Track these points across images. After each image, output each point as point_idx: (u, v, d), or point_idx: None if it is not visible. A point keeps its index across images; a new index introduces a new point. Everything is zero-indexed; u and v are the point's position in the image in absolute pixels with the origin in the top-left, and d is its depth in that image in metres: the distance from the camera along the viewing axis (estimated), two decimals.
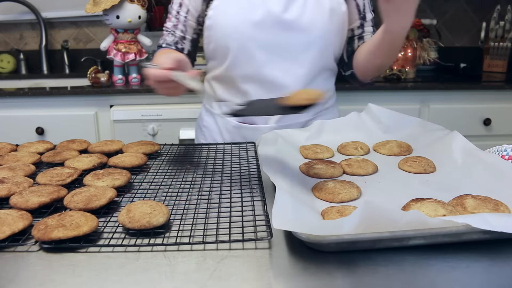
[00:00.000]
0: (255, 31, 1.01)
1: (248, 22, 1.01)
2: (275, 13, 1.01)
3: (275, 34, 1.02)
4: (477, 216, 0.53)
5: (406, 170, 0.83)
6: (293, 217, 0.57)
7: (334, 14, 1.04)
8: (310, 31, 1.02)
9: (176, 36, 1.12)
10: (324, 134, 1.02)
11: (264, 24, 1.01)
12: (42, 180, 0.76)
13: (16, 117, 1.80)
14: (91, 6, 1.86)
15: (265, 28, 1.02)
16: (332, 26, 1.04)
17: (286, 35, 1.02)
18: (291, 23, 1.01)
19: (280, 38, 1.02)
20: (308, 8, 1.02)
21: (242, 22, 1.02)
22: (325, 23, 1.03)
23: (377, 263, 0.53)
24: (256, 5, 1.01)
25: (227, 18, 1.03)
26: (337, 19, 1.05)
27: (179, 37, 1.12)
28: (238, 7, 1.02)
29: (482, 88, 1.90)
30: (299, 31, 1.02)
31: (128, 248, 0.57)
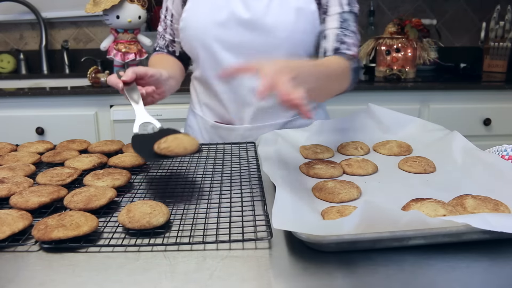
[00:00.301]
0: (220, 32, 1.02)
1: (213, 23, 1.02)
2: (238, 14, 1.00)
3: (240, 35, 1.01)
4: (477, 216, 0.53)
5: (406, 170, 0.83)
6: (293, 217, 0.57)
7: (301, 13, 1.00)
8: (275, 32, 1.00)
9: (166, 40, 1.15)
10: (324, 134, 1.02)
11: (228, 25, 1.01)
12: (42, 180, 0.76)
13: (16, 117, 1.80)
14: (91, 6, 1.86)
15: (229, 29, 1.01)
16: (300, 25, 1.01)
17: (251, 36, 1.01)
18: (255, 24, 1.00)
19: (245, 39, 1.01)
20: (273, 8, 1.00)
21: (208, 23, 1.02)
22: (291, 23, 1.00)
23: (377, 263, 0.53)
24: (221, 6, 1.01)
25: (196, 20, 1.03)
26: (305, 18, 1.01)
27: (169, 41, 1.15)
28: (205, 9, 1.03)
29: (482, 88, 1.90)
30: (263, 32, 1.00)
31: (128, 248, 0.57)
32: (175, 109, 1.80)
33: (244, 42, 1.02)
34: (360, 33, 2.49)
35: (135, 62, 1.94)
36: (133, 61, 1.94)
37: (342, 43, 1.01)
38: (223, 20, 1.01)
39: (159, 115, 1.78)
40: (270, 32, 1.00)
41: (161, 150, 0.69)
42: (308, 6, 1.01)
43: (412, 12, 2.39)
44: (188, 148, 0.67)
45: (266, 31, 1.00)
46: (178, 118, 1.79)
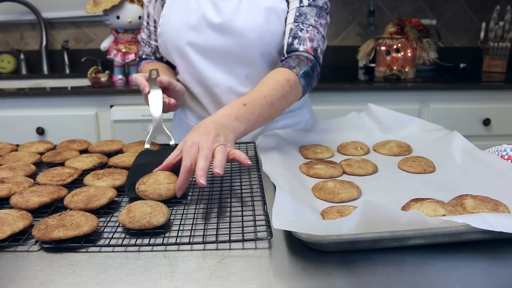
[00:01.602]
0: (191, 35, 1.02)
1: (185, 27, 1.01)
2: (208, 17, 1.00)
3: (211, 38, 1.01)
4: (476, 216, 0.53)
5: (405, 170, 0.83)
6: (293, 217, 0.57)
7: (270, 13, 0.99)
8: (246, 34, 0.99)
9: (152, 47, 1.14)
10: (324, 134, 1.02)
11: (199, 28, 1.01)
12: (42, 180, 0.76)
13: (16, 117, 1.80)
14: (91, 6, 1.86)
15: (200, 32, 1.01)
16: (270, 26, 0.99)
17: (222, 39, 1.01)
18: (225, 27, 1.00)
19: (217, 42, 1.01)
20: (242, 10, 0.99)
21: (180, 27, 1.02)
22: (261, 24, 0.99)
23: (376, 263, 0.53)
24: (193, 9, 1.01)
25: (170, 24, 1.03)
26: (275, 18, 1.00)
27: (155, 47, 1.13)
28: (178, 13, 1.03)
29: (482, 88, 1.90)
30: (234, 35, 1.00)
31: (128, 248, 0.57)
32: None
33: (215, 45, 1.02)
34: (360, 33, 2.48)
35: (135, 62, 1.95)
36: (133, 61, 1.94)
37: (295, 38, 0.97)
38: (194, 24, 1.01)
39: None
40: (240, 35, 1.00)
41: (138, 192, 0.70)
42: (278, 5, 1.00)
43: (412, 12, 2.39)
44: (163, 195, 0.69)
45: (236, 34, 1.00)
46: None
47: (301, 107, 1.17)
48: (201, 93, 1.09)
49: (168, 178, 0.71)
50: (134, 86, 1.88)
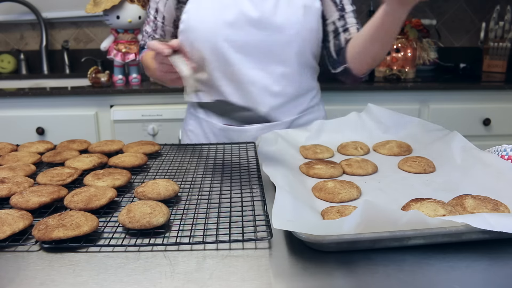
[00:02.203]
0: (228, 32, 1.01)
1: (221, 23, 1.01)
2: (248, 12, 1.00)
3: (250, 34, 1.01)
4: (476, 216, 0.53)
5: (405, 170, 0.83)
6: (293, 217, 0.57)
7: (308, 11, 1.03)
8: (285, 30, 1.01)
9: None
10: (324, 134, 1.02)
11: (237, 25, 1.01)
12: (42, 180, 0.76)
13: (16, 117, 1.80)
14: (91, 6, 1.86)
15: (238, 28, 1.01)
16: (307, 23, 1.03)
17: (261, 35, 1.01)
18: (265, 22, 1.01)
19: (255, 37, 1.01)
20: (281, 6, 1.01)
21: (215, 23, 1.01)
22: (299, 21, 1.02)
23: (376, 263, 0.53)
24: (228, 5, 1.01)
25: (200, 21, 1.02)
26: (312, 16, 1.04)
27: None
28: (210, 9, 1.02)
29: (482, 88, 1.90)
30: (273, 30, 1.01)
31: (128, 248, 0.57)
32: (175, 109, 1.80)
33: (253, 41, 1.02)
34: None
35: (135, 62, 1.95)
36: (133, 61, 1.94)
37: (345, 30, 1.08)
38: (232, 20, 1.00)
39: (159, 115, 1.78)
40: (279, 31, 1.01)
41: (137, 193, 0.70)
42: (313, 3, 1.04)
43: (412, 12, 2.37)
44: (162, 194, 0.69)
45: (275, 30, 1.01)
46: (178, 118, 1.79)
47: (319, 103, 1.21)
48: (232, 91, 1.07)
49: (167, 181, 0.72)
50: (134, 86, 1.88)
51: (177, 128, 1.81)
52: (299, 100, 1.13)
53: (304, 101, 1.14)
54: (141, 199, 0.68)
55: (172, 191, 0.70)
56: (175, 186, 0.72)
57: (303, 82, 1.11)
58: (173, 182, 0.72)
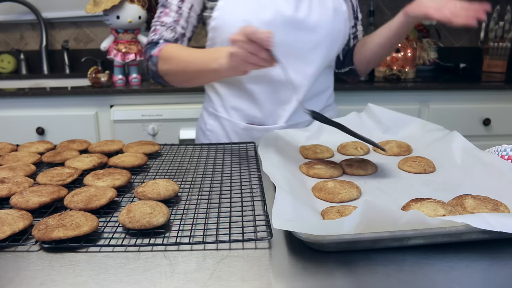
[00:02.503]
0: None
1: (257, 22, 1.00)
2: (284, 12, 1.01)
3: (285, 33, 1.02)
4: (476, 216, 0.53)
5: (405, 170, 0.83)
6: (293, 217, 0.57)
7: (337, 13, 1.07)
8: (318, 30, 1.04)
9: (177, 33, 1.05)
10: (324, 134, 1.02)
11: (273, 24, 1.01)
12: (42, 180, 0.76)
13: (16, 117, 1.80)
14: (91, 6, 1.86)
15: (274, 28, 0.99)
16: (336, 25, 1.07)
17: (295, 35, 1.03)
18: (300, 23, 1.02)
19: (290, 37, 1.03)
20: (314, 7, 1.04)
21: (251, 22, 1.00)
22: (330, 22, 1.05)
23: (376, 263, 0.53)
24: (264, 5, 1.01)
25: (235, 19, 1.01)
26: (340, 18, 1.08)
27: (179, 34, 1.05)
28: (246, 7, 1.01)
29: (482, 88, 1.90)
30: (307, 31, 1.03)
31: (128, 248, 0.57)
32: (175, 109, 1.80)
33: (287, 40, 1.03)
34: None
35: (135, 62, 1.95)
36: (133, 61, 1.94)
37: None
38: (268, 19, 1.01)
39: (159, 115, 1.78)
40: (313, 31, 1.04)
41: (137, 193, 0.70)
42: (341, 6, 1.08)
43: None
44: (162, 194, 0.69)
45: (309, 30, 1.03)
46: (178, 118, 1.79)
47: (334, 102, 1.24)
48: (260, 90, 1.07)
49: (167, 181, 0.72)
50: (134, 86, 1.89)
51: (177, 128, 1.81)
52: (319, 98, 1.15)
53: (322, 100, 1.16)
54: (141, 199, 0.68)
55: (172, 191, 0.70)
56: (175, 186, 0.72)
57: (324, 81, 1.14)
58: (173, 182, 0.72)
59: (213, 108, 1.16)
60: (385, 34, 1.05)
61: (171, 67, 0.99)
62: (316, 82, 1.10)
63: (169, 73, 1.01)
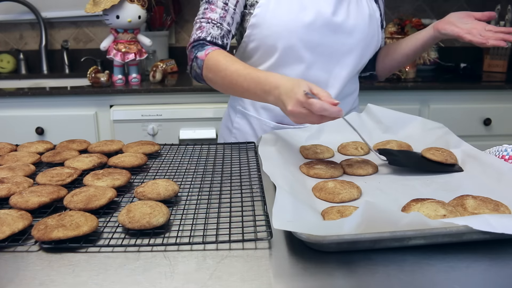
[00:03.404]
0: (305, 32, 1.01)
1: (298, 23, 1.01)
2: (325, 14, 1.02)
3: (324, 35, 1.03)
4: (477, 218, 0.53)
5: (428, 157, 0.83)
6: (293, 217, 0.57)
7: (372, 19, 1.09)
8: (354, 34, 1.05)
9: (223, 30, 1.03)
10: (324, 134, 1.02)
11: (314, 25, 1.02)
12: (42, 180, 0.76)
13: (16, 117, 1.80)
14: (91, 6, 1.86)
15: (315, 29, 1.02)
16: (371, 30, 1.08)
17: (334, 37, 1.04)
18: (339, 26, 1.04)
19: (328, 39, 1.04)
20: (352, 12, 1.06)
21: (293, 22, 1.01)
22: (365, 27, 1.07)
23: (377, 263, 0.53)
24: (306, 6, 1.02)
25: (277, 18, 1.01)
26: (374, 24, 1.10)
27: (225, 31, 1.03)
28: (289, 7, 1.02)
29: (482, 88, 1.90)
30: (345, 34, 1.05)
31: (128, 248, 0.57)
32: (175, 109, 1.79)
33: (326, 42, 1.04)
34: None
35: (135, 62, 1.94)
36: (133, 61, 1.93)
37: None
38: (309, 21, 1.01)
39: (159, 115, 1.78)
40: (350, 34, 1.05)
41: (137, 194, 0.70)
42: (375, 13, 1.11)
43: (412, 12, 2.39)
44: (162, 194, 0.69)
45: (347, 33, 1.05)
46: (178, 118, 1.79)
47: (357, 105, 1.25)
48: None
49: (166, 181, 0.72)
50: (134, 86, 1.88)
51: (177, 128, 1.80)
52: (346, 100, 1.15)
53: (349, 102, 1.16)
54: (141, 199, 0.68)
55: (172, 191, 0.70)
56: (175, 186, 0.72)
57: (352, 84, 1.16)
58: (173, 182, 0.72)
59: (242, 106, 1.15)
60: (412, 46, 1.11)
61: (217, 79, 0.98)
62: (347, 85, 1.11)
63: (213, 82, 1.00)
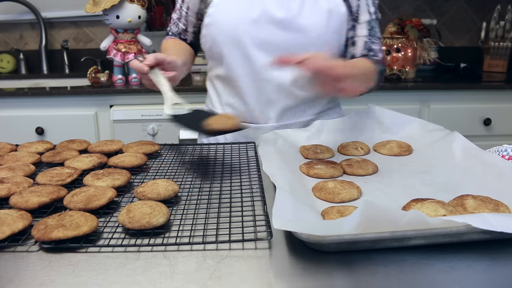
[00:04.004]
0: (251, 29, 1.02)
1: (245, 20, 1.02)
2: (271, 11, 1.01)
3: (272, 33, 1.02)
4: (477, 216, 0.53)
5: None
6: (293, 217, 0.57)
7: (332, 15, 1.04)
8: (308, 32, 1.02)
9: (179, 28, 1.18)
10: (324, 134, 1.02)
11: (260, 22, 1.01)
12: (42, 180, 0.76)
13: (16, 117, 1.80)
14: (91, 6, 1.86)
15: (261, 26, 1.02)
16: (330, 27, 1.04)
17: (283, 35, 1.02)
18: (288, 23, 1.02)
19: (277, 37, 1.02)
20: (306, 8, 1.02)
21: (240, 19, 1.02)
22: (323, 24, 1.03)
23: (377, 263, 0.53)
24: (254, 3, 1.02)
25: (226, 16, 1.03)
26: (336, 20, 1.04)
27: (181, 29, 1.18)
28: (237, 5, 1.03)
29: (482, 88, 1.90)
30: (296, 31, 1.02)
31: (128, 248, 0.57)
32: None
33: (275, 40, 1.03)
34: None
35: None
36: None
37: (370, 50, 1.06)
38: (255, 18, 1.01)
39: (159, 115, 1.78)
40: (302, 32, 1.02)
41: (137, 194, 0.70)
42: (338, 8, 1.05)
43: (412, 12, 2.39)
44: (162, 194, 0.69)
45: (298, 31, 1.02)
46: None
47: (338, 105, 1.21)
48: (248, 88, 1.08)
49: (166, 182, 0.72)
50: (134, 86, 1.88)
51: (177, 128, 1.80)
52: (316, 101, 1.13)
53: (321, 102, 1.15)
54: (141, 199, 0.68)
55: (172, 191, 0.70)
56: (175, 186, 0.72)
57: None
58: (173, 182, 0.72)
59: (212, 104, 1.18)
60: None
61: None
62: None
63: None
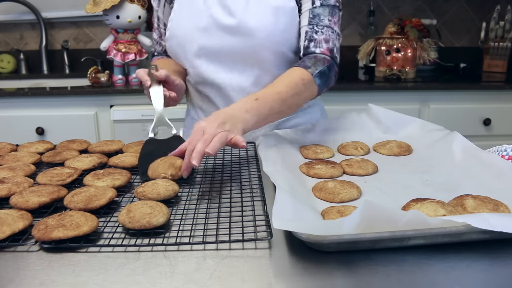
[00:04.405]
0: (202, 38, 1.02)
1: (195, 30, 1.02)
2: (217, 19, 1.00)
3: (222, 40, 1.01)
4: (477, 216, 0.53)
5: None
6: (293, 217, 0.57)
7: (280, 12, 0.99)
8: (256, 33, 0.99)
9: (163, 46, 1.16)
10: (324, 134, 1.02)
11: (209, 30, 1.01)
12: (42, 180, 0.76)
13: (16, 117, 1.80)
14: (91, 6, 1.86)
15: (210, 35, 1.01)
16: (280, 25, 0.99)
17: (232, 40, 1.01)
18: (235, 28, 1.00)
19: (227, 43, 1.01)
20: (250, 10, 0.99)
21: (190, 29, 1.02)
22: (269, 23, 0.98)
23: (377, 263, 0.53)
24: (200, 11, 1.01)
25: (179, 28, 1.04)
26: (285, 16, 0.99)
27: (165, 47, 1.14)
28: (188, 16, 1.03)
29: (482, 88, 1.90)
30: (244, 35, 1.00)
31: (128, 248, 0.57)
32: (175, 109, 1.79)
33: (226, 47, 1.02)
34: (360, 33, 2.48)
35: (135, 62, 1.95)
36: (133, 61, 1.94)
37: (311, 40, 0.98)
38: (204, 26, 1.01)
39: None
40: (250, 35, 0.99)
41: (137, 193, 0.70)
42: (286, 3, 1.00)
43: (412, 12, 2.39)
44: (162, 194, 0.69)
45: (246, 34, 1.00)
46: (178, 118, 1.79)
47: (312, 105, 1.17)
48: (214, 95, 1.08)
49: (166, 181, 0.72)
50: (134, 86, 1.88)
51: (177, 128, 1.80)
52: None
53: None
54: (141, 199, 0.68)
55: (172, 191, 0.70)
56: (175, 186, 0.72)
57: None
58: (173, 182, 0.72)
59: (188, 107, 1.21)
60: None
61: None
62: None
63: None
